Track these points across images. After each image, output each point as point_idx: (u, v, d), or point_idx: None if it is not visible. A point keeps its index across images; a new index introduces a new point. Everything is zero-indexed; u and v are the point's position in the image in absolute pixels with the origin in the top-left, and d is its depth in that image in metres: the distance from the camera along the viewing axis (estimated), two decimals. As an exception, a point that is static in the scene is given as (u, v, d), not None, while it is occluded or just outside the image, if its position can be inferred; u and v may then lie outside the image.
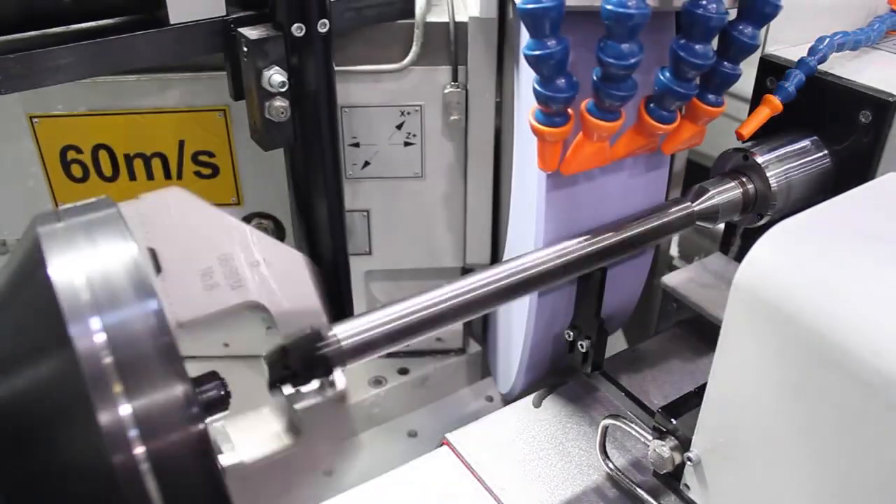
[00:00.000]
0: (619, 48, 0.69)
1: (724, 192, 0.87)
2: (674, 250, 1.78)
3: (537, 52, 0.69)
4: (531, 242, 0.86)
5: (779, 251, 0.59)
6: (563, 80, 0.72)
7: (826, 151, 0.91)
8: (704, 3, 0.70)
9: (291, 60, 0.94)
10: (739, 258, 1.08)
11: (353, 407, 1.25)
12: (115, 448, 0.41)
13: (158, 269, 0.49)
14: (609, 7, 0.67)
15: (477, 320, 1.35)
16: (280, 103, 0.95)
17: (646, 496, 0.81)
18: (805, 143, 0.91)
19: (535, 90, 0.73)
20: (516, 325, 0.97)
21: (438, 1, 1.11)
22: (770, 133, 0.91)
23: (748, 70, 0.96)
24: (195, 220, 0.54)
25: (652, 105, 0.78)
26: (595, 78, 0.73)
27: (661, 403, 0.75)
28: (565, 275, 0.80)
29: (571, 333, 0.90)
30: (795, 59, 0.90)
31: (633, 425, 0.81)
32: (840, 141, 0.89)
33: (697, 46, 0.72)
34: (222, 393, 0.54)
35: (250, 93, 0.96)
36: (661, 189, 0.90)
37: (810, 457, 0.57)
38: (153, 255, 0.50)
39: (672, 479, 0.74)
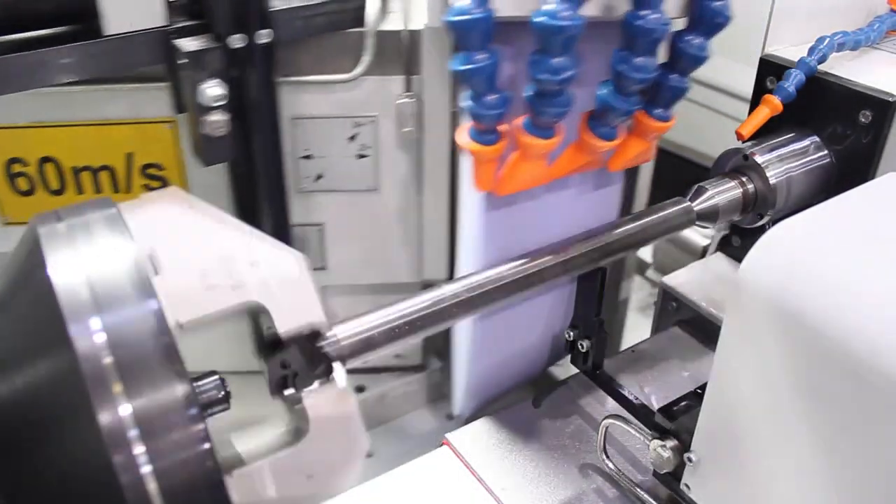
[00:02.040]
0: (551, 62, 0.64)
1: (724, 192, 0.87)
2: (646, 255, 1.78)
3: (466, 67, 0.65)
4: (474, 262, 0.82)
5: (779, 251, 0.59)
6: (494, 96, 0.67)
7: (826, 151, 0.91)
8: (645, 13, 0.66)
9: (231, 73, 0.91)
10: (739, 258, 1.08)
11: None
12: (115, 448, 0.41)
13: (156, 269, 0.49)
14: (539, 19, 0.62)
15: (439, 336, 1.33)
16: (218, 117, 0.92)
17: (646, 496, 0.81)
18: (805, 142, 0.91)
19: (464, 106, 0.69)
20: (461, 345, 0.92)
21: (395, 9, 1.09)
22: (770, 133, 0.91)
23: (748, 70, 0.96)
24: (193, 219, 0.54)
25: (593, 121, 0.73)
26: (528, 93, 0.68)
27: (661, 403, 0.75)
28: (565, 273, 0.80)
29: (571, 333, 0.90)
30: (795, 59, 0.90)
31: (633, 425, 0.81)
32: (840, 141, 0.89)
33: (638, 59, 0.67)
34: (223, 392, 0.55)
35: (189, 106, 0.93)
36: (614, 206, 0.87)
37: (811, 457, 0.57)
38: (151, 255, 0.49)
39: (672, 479, 0.74)
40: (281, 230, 1.05)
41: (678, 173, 2.34)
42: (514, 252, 0.78)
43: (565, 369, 0.97)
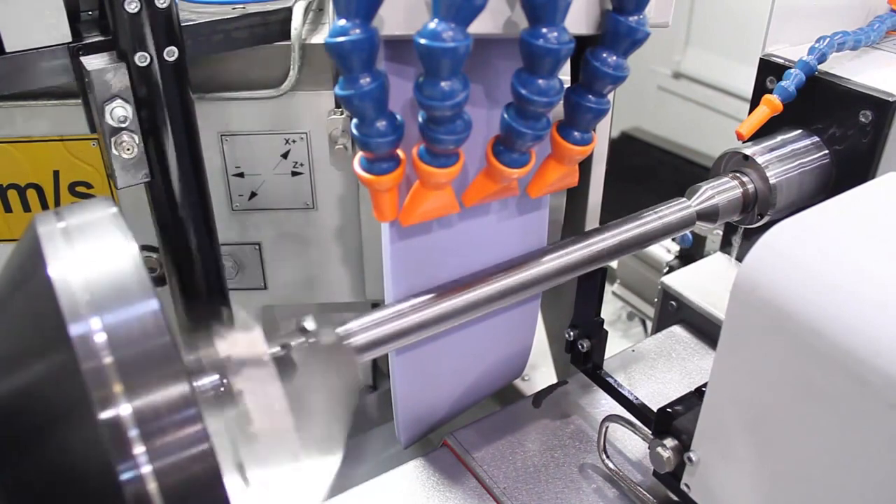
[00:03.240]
0: (439, 87, 0.59)
1: (724, 192, 0.87)
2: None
3: (349, 93, 0.59)
4: (388, 292, 0.77)
5: (779, 251, 0.59)
6: (383, 123, 0.62)
7: (826, 151, 0.91)
8: (544, 31, 0.59)
9: (139, 92, 0.88)
10: (740, 258, 1.08)
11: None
12: (115, 448, 0.41)
13: None
14: (421, 41, 0.56)
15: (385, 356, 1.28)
16: (127, 138, 0.88)
17: (646, 496, 0.81)
18: (805, 142, 0.91)
19: (352, 134, 0.64)
20: (392, 376, 0.86)
21: (326, 20, 1.06)
22: (770, 133, 0.91)
23: (748, 70, 0.96)
24: None
25: (499, 146, 0.68)
26: (420, 120, 0.63)
27: (661, 403, 0.75)
28: (565, 273, 0.80)
29: (572, 333, 0.90)
30: (795, 58, 0.90)
31: (633, 425, 0.81)
32: (840, 141, 0.89)
33: (540, 81, 0.62)
34: (223, 392, 0.55)
35: (97, 127, 0.90)
36: (541, 232, 0.82)
37: (811, 457, 0.57)
38: None
39: (672, 479, 0.74)
40: (207, 251, 1.01)
41: (678, 173, 2.35)
42: (426, 284, 0.74)
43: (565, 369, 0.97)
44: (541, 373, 1.37)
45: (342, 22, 0.57)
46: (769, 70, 0.92)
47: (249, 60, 1.03)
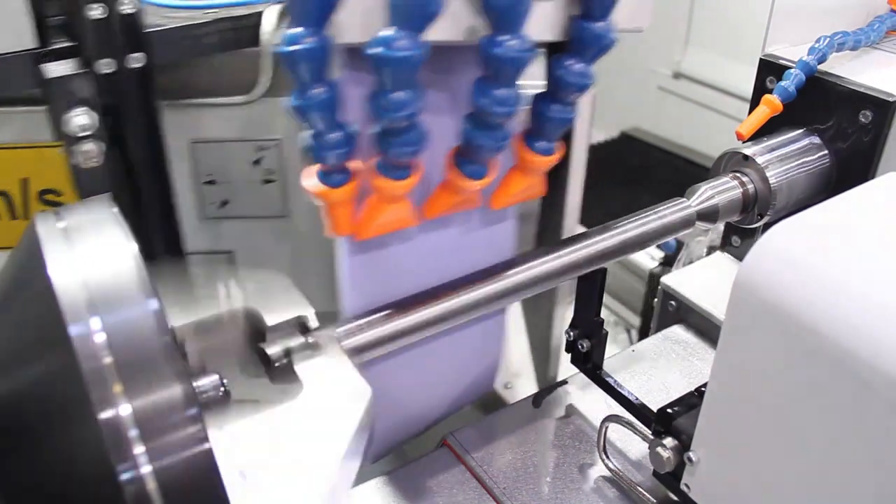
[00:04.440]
0: (392, 97, 0.57)
1: (724, 192, 0.87)
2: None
3: (300, 103, 0.57)
4: (344, 306, 0.75)
5: (779, 251, 0.59)
6: (336, 133, 0.60)
7: (826, 151, 0.91)
8: (503, 39, 0.57)
9: (103, 99, 0.87)
10: (740, 258, 1.08)
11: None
12: (114, 448, 0.41)
13: None
14: (374, 50, 0.54)
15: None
16: (89, 147, 0.86)
17: (646, 496, 0.81)
18: (805, 142, 0.91)
19: (303, 146, 0.62)
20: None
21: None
22: (770, 133, 0.91)
23: (748, 70, 0.96)
24: None
25: (459, 157, 0.66)
26: (374, 131, 0.62)
27: (661, 403, 0.75)
28: (567, 274, 0.80)
29: (571, 333, 0.90)
30: (795, 59, 0.90)
31: (632, 425, 0.81)
32: (840, 141, 0.89)
33: (499, 91, 0.60)
34: (222, 392, 0.55)
35: (60, 135, 0.88)
36: (508, 243, 0.80)
37: (811, 457, 0.57)
38: None
39: (672, 479, 0.74)
40: (174, 259, 1.00)
41: (678, 173, 2.35)
42: (385, 299, 0.71)
43: (565, 369, 0.96)
44: (523, 381, 1.36)
45: (295, 30, 0.55)
46: (769, 70, 0.92)
47: (220, 66, 1.02)
